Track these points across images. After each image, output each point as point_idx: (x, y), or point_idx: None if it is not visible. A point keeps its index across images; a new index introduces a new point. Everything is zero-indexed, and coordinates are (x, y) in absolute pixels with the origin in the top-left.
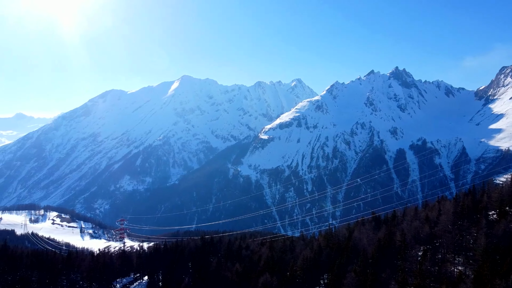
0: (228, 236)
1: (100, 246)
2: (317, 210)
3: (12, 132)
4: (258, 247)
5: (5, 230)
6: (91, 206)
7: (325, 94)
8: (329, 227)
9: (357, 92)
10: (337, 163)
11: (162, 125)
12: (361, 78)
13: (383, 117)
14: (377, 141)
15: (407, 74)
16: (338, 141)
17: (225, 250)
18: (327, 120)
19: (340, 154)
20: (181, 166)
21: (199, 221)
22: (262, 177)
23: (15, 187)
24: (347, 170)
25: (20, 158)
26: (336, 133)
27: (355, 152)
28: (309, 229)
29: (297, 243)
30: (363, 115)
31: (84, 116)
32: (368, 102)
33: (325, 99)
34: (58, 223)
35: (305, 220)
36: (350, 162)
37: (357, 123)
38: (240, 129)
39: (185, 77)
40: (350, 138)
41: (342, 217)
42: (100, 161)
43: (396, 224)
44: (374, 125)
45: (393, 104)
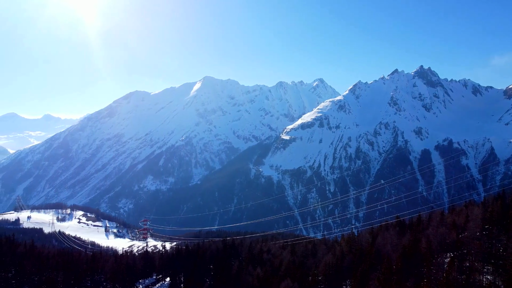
0: (249, 239)
1: (124, 245)
2: (340, 211)
3: (40, 133)
4: (279, 250)
5: (33, 228)
6: (116, 205)
7: (347, 94)
8: (352, 231)
9: (381, 92)
10: (360, 164)
11: (184, 125)
12: (385, 77)
13: (407, 117)
14: (401, 141)
15: (432, 73)
16: (361, 142)
17: (246, 253)
18: (350, 120)
19: (363, 155)
20: (203, 167)
21: (221, 221)
22: (284, 177)
23: (43, 186)
24: (370, 171)
25: (48, 158)
26: (359, 134)
27: (379, 152)
28: (332, 231)
29: (319, 247)
30: (386, 115)
31: (108, 117)
32: (392, 102)
33: (347, 99)
34: (84, 222)
35: (327, 221)
36: (373, 163)
37: (380, 123)
38: (262, 129)
39: (207, 78)
40: (374, 139)
41: (366, 219)
42: (124, 161)
43: (421, 229)
44: (398, 125)
45: (418, 103)
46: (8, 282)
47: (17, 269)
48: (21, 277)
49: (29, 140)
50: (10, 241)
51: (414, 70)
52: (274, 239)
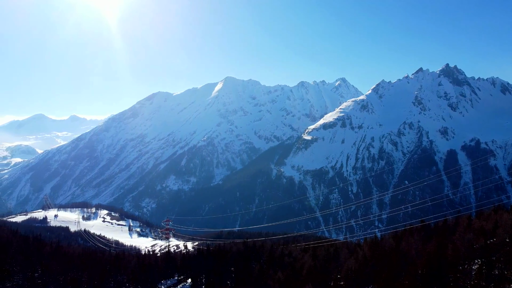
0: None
1: (147, 244)
2: (363, 213)
3: (67, 134)
4: (300, 254)
5: (60, 227)
6: (139, 204)
7: (370, 94)
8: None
9: (405, 91)
10: (383, 164)
11: (206, 126)
12: (409, 76)
13: (432, 117)
14: (426, 141)
15: (458, 71)
16: (384, 142)
17: (268, 256)
18: (373, 120)
19: (386, 155)
20: (225, 167)
21: (242, 221)
22: (305, 178)
23: (69, 185)
24: (394, 172)
25: (74, 158)
26: (383, 134)
27: (403, 153)
28: (354, 232)
29: (341, 250)
30: (411, 114)
31: (132, 118)
32: (416, 101)
33: (370, 99)
34: (108, 221)
35: (350, 222)
36: (397, 163)
37: (404, 123)
38: (283, 129)
39: (228, 78)
40: (397, 139)
41: (389, 221)
42: (147, 161)
43: (447, 234)
44: (423, 125)
45: (443, 103)
46: (34, 282)
47: (43, 269)
48: (47, 277)
49: (56, 141)
50: (37, 241)
51: (440, 69)
52: (296, 241)
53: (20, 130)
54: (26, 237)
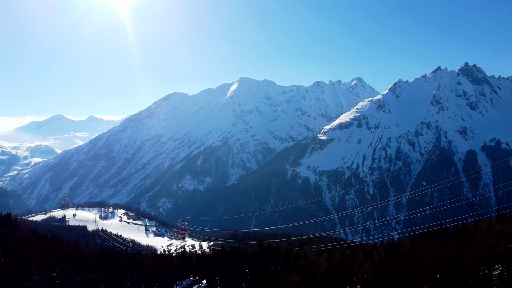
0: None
1: (163, 244)
2: (379, 214)
3: (85, 134)
4: (316, 256)
5: (78, 226)
6: (155, 204)
7: (387, 93)
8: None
9: (422, 90)
10: (400, 165)
11: (221, 126)
12: (427, 75)
13: (451, 116)
14: (444, 142)
15: (478, 70)
16: (401, 142)
17: (282, 258)
18: (390, 120)
19: (403, 156)
20: (240, 167)
21: (258, 221)
22: (321, 178)
23: (87, 185)
24: (411, 173)
25: (92, 158)
26: (400, 134)
27: (420, 153)
28: (371, 233)
29: (357, 253)
30: (428, 114)
31: (148, 118)
32: (434, 101)
33: (387, 98)
34: (125, 221)
35: (366, 223)
36: (414, 164)
37: (422, 123)
38: (299, 129)
39: (244, 78)
40: (415, 139)
41: (406, 222)
42: (163, 161)
43: (467, 238)
44: (441, 125)
45: (462, 102)
46: (52, 282)
47: (61, 269)
48: (65, 277)
49: (75, 141)
50: (56, 240)
51: (458, 68)
52: (311, 243)
53: (40, 130)
54: (45, 236)
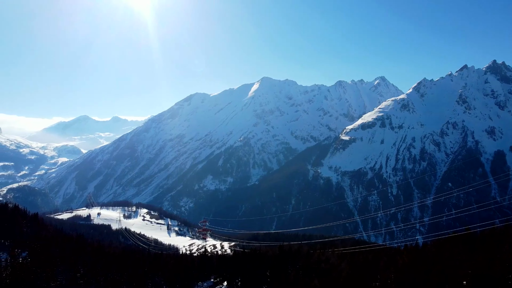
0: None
1: (185, 243)
2: (403, 215)
3: (109, 134)
4: (338, 260)
5: (103, 225)
6: (177, 204)
7: (411, 92)
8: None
9: (448, 89)
10: (425, 165)
11: (242, 126)
12: (452, 74)
13: (478, 116)
14: (471, 142)
15: (506, 67)
16: (426, 142)
17: (303, 262)
18: (414, 119)
19: (428, 156)
20: (261, 167)
21: (279, 222)
22: (343, 179)
23: (111, 184)
24: (436, 173)
25: (116, 158)
26: (424, 134)
27: (446, 154)
28: (394, 235)
29: (380, 257)
30: (454, 114)
31: (171, 119)
32: (461, 100)
33: (411, 98)
34: (147, 220)
35: (389, 225)
36: (439, 164)
37: (447, 123)
38: (320, 129)
39: (265, 78)
40: (440, 139)
41: (431, 224)
42: (185, 161)
43: (495, 244)
44: (468, 125)
45: (490, 101)
46: (76, 281)
47: (85, 269)
48: (89, 277)
49: (99, 141)
50: (81, 240)
51: (486, 66)
52: (333, 245)
53: (66, 131)
54: (70, 236)
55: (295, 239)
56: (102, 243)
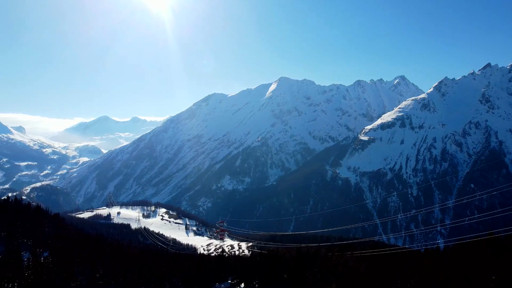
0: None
1: (203, 243)
2: (423, 216)
3: (129, 134)
4: (356, 263)
5: (122, 224)
6: (195, 203)
7: (432, 92)
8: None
9: (470, 88)
10: (446, 166)
11: (260, 126)
12: (475, 72)
13: (502, 115)
14: (495, 142)
15: None
16: (447, 143)
17: (321, 264)
18: (435, 119)
19: (450, 157)
20: (279, 167)
21: (297, 223)
22: (362, 180)
23: (131, 184)
24: (458, 174)
25: (135, 158)
26: (445, 134)
27: (468, 154)
28: (414, 237)
29: (399, 261)
30: (477, 113)
31: (189, 119)
32: (484, 99)
33: (432, 97)
34: (166, 219)
35: (409, 226)
36: (461, 165)
37: (470, 123)
38: (339, 130)
39: (283, 78)
40: (462, 139)
41: (453, 227)
42: (203, 161)
43: None
44: (491, 125)
45: None
46: (95, 282)
47: (105, 269)
48: (108, 278)
49: (119, 141)
50: (100, 240)
51: (510, 64)
52: (352, 248)
53: (87, 131)
54: (90, 235)
55: (313, 241)
56: (122, 243)
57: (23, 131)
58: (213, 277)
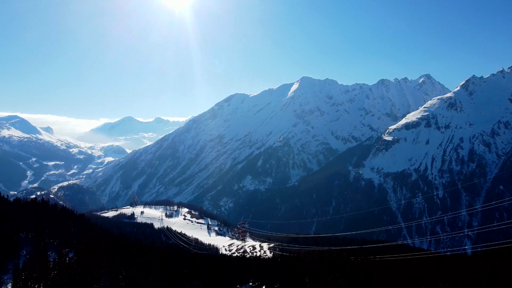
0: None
1: (224, 243)
2: (450, 218)
3: (152, 135)
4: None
5: (146, 223)
6: (217, 203)
7: (459, 90)
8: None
9: (499, 87)
10: (474, 167)
11: (282, 126)
12: (504, 70)
13: None
14: None
15: None
16: (475, 143)
17: (344, 269)
18: (462, 119)
19: (477, 157)
20: (301, 168)
21: (319, 224)
22: (386, 181)
23: (154, 183)
24: (486, 175)
25: (158, 158)
26: (473, 134)
27: (497, 155)
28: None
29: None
30: (507, 112)
31: (211, 119)
32: None
33: (459, 96)
34: (188, 219)
35: (435, 229)
36: (490, 166)
37: (499, 122)
38: (362, 130)
39: (305, 78)
40: (491, 139)
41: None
42: (225, 161)
43: None
44: None
45: None
46: (118, 284)
47: (127, 271)
48: (130, 280)
49: (143, 141)
50: (124, 240)
51: None
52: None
53: (112, 131)
54: (114, 236)
55: (336, 242)
56: (145, 243)
57: (51, 131)
58: (234, 279)
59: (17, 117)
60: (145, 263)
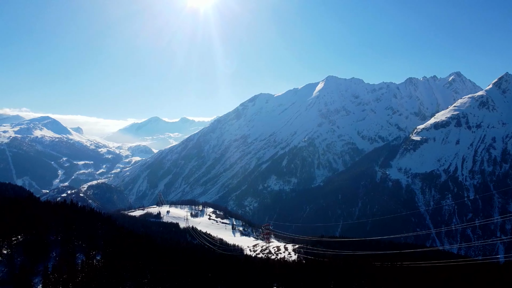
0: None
1: (249, 244)
2: (481, 221)
3: (178, 135)
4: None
5: (171, 223)
6: (242, 203)
7: (491, 88)
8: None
9: None
10: (507, 168)
11: (306, 126)
12: None
13: None
14: None
15: None
16: (509, 143)
17: (369, 276)
18: (494, 118)
19: (511, 158)
20: (326, 168)
21: (344, 225)
22: (413, 181)
23: (180, 183)
24: None
25: (184, 158)
26: (507, 133)
27: None
28: (471, 240)
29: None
30: None
31: (236, 119)
32: None
33: (491, 94)
34: (213, 219)
35: (465, 232)
36: None
37: None
38: (389, 129)
39: (330, 77)
40: None
41: None
42: (249, 161)
43: None
44: None
45: None
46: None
47: (152, 274)
48: (155, 284)
49: (169, 141)
50: (149, 242)
51: None
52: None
53: (139, 131)
54: (140, 238)
55: (362, 245)
56: (170, 244)
57: (81, 131)
58: (258, 283)
59: (49, 118)
60: (170, 266)
